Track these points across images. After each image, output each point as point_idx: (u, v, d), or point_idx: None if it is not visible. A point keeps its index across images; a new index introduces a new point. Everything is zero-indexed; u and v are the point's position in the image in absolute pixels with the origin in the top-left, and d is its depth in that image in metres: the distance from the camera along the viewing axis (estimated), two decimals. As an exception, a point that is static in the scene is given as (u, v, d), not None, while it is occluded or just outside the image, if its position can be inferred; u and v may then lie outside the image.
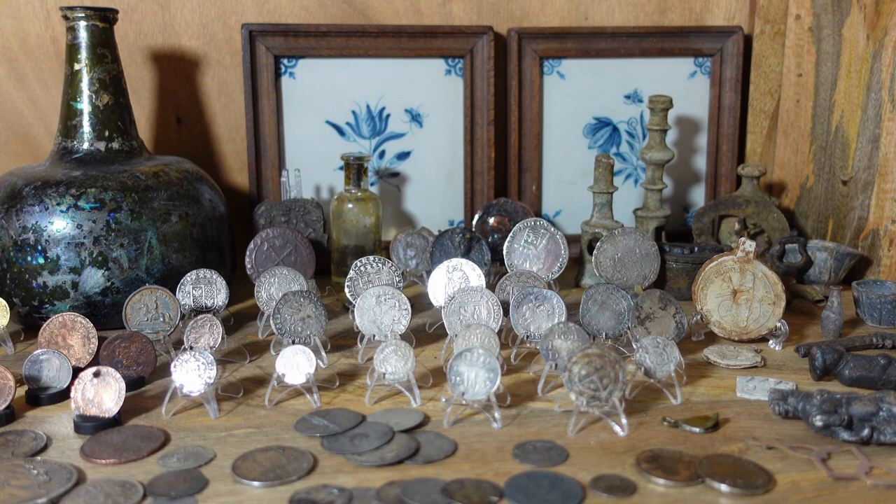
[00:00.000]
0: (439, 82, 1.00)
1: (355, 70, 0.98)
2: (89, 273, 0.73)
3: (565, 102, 1.03)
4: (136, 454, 0.51)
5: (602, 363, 0.54)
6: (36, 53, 0.95)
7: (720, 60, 1.03)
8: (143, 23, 0.96)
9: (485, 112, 1.00)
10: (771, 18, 1.03)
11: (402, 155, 1.02)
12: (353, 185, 0.88)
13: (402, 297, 0.68)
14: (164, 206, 0.77)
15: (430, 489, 0.46)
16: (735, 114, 1.04)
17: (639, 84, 1.04)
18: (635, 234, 0.83)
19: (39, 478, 0.48)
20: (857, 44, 0.91)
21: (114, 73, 0.80)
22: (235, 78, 0.99)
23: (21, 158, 0.97)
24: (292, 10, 0.98)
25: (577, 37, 1.00)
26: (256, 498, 0.46)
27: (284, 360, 0.59)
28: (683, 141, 1.06)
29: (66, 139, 0.79)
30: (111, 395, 0.55)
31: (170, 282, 0.76)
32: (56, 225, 0.72)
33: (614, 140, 1.05)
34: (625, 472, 0.49)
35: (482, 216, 0.97)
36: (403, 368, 0.59)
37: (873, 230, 0.89)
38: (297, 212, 0.92)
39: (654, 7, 1.04)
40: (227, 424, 0.56)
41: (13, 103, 0.96)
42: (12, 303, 0.74)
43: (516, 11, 1.02)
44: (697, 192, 1.08)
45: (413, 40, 0.98)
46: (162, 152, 0.99)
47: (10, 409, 0.57)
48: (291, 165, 0.98)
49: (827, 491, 0.47)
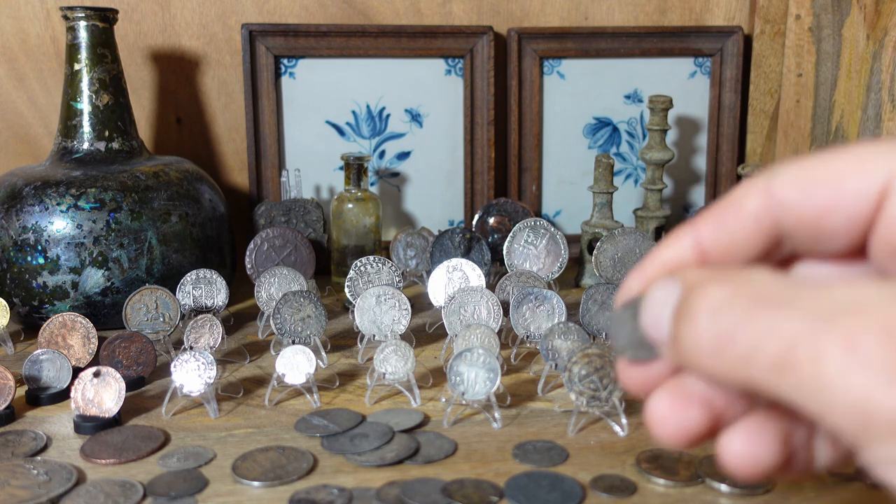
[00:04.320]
0: (439, 82, 1.00)
1: (355, 70, 0.98)
2: (89, 273, 0.73)
3: (565, 102, 1.03)
4: (136, 454, 0.51)
5: (602, 363, 0.54)
6: (36, 53, 0.95)
7: (720, 60, 1.03)
8: (143, 23, 0.96)
9: (485, 112, 1.00)
10: (771, 18, 1.03)
11: (402, 155, 1.02)
12: (353, 185, 0.88)
13: (402, 297, 0.68)
14: (164, 206, 0.77)
15: (430, 489, 0.46)
16: (735, 114, 1.04)
17: (639, 84, 1.04)
18: (635, 234, 0.83)
19: (39, 478, 0.48)
20: (857, 44, 0.91)
21: (114, 73, 0.80)
22: (235, 78, 0.99)
23: (21, 158, 0.97)
24: (292, 10, 0.99)
25: (577, 37, 1.00)
26: (256, 498, 0.46)
27: (284, 360, 0.59)
28: (683, 141, 1.06)
29: (66, 139, 0.79)
30: (111, 395, 0.55)
31: (170, 282, 0.76)
32: (56, 225, 0.72)
33: (614, 140, 1.05)
34: (625, 472, 0.49)
35: (482, 216, 0.97)
36: (403, 368, 0.59)
37: (873, 230, 0.89)
38: (297, 212, 0.92)
39: (654, 7, 1.04)
40: (227, 424, 0.56)
41: (13, 103, 0.96)
42: (12, 303, 0.74)
43: (516, 11, 1.02)
44: (697, 192, 1.08)
45: (413, 40, 0.98)
46: (162, 152, 0.99)
47: (10, 409, 0.57)
48: (291, 165, 0.98)
49: (828, 491, 0.47)
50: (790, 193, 0.24)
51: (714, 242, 0.25)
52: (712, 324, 0.21)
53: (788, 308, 0.20)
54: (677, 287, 0.23)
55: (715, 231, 0.25)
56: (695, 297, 0.22)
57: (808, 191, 0.24)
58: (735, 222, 0.25)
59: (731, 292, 0.21)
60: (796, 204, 0.24)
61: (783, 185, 0.24)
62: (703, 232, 0.25)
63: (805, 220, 0.24)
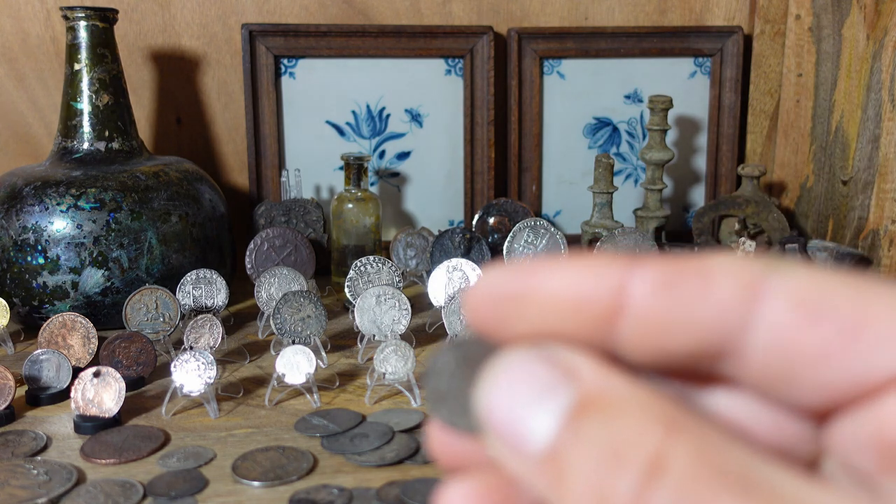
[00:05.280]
0: (439, 82, 1.00)
1: (355, 70, 0.98)
2: (89, 273, 0.73)
3: (565, 102, 1.03)
4: (136, 454, 0.51)
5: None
6: (36, 53, 0.95)
7: (720, 60, 1.03)
8: (143, 23, 0.96)
9: (485, 112, 1.00)
10: (771, 18, 1.03)
11: (402, 155, 1.02)
12: (353, 185, 0.88)
13: (402, 297, 0.68)
14: (164, 206, 0.77)
15: (431, 489, 0.46)
16: (735, 114, 1.04)
17: (639, 84, 1.04)
18: (635, 235, 0.83)
19: (39, 478, 0.48)
20: (857, 44, 0.91)
21: (114, 73, 0.80)
22: (235, 78, 0.99)
23: (21, 158, 0.97)
24: (292, 10, 0.98)
25: (577, 37, 1.00)
26: (256, 498, 0.46)
27: (284, 360, 0.59)
28: (683, 141, 1.06)
29: (66, 139, 0.79)
30: (111, 395, 0.55)
31: (170, 282, 0.76)
32: (56, 225, 0.72)
33: (614, 140, 1.05)
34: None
35: (482, 216, 0.97)
36: (403, 368, 0.59)
37: (873, 230, 0.89)
38: (297, 212, 0.92)
39: (654, 7, 1.04)
40: (227, 424, 0.56)
41: (13, 103, 0.96)
42: (12, 303, 0.74)
43: (516, 11, 1.02)
44: (697, 192, 1.08)
45: (413, 40, 0.98)
46: (162, 152, 0.99)
47: (10, 409, 0.57)
48: (291, 165, 0.98)
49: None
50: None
51: (654, 311, 0.16)
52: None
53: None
54: (569, 394, 0.15)
55: (667, 300, 0.16)
56: (627, 445, 0.14)
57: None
58: (699, 301, 0.16)
59: (697, 463, 0.14)
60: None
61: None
62: (644, 289, 0.16)
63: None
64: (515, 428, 0.16)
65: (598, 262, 0.16)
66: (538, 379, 0.16)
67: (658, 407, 0.15)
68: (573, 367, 0.16)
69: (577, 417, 0.15)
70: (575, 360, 0.16)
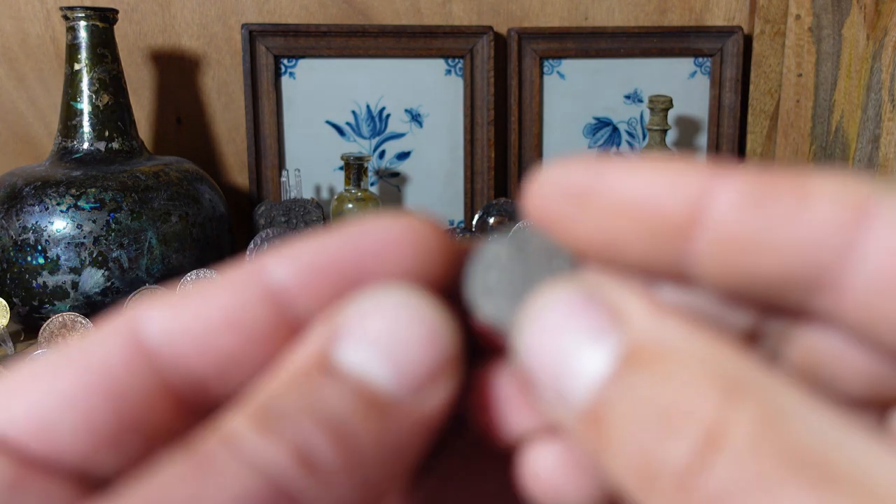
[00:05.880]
0: (439, 82, 1.00)
1: (355, 70, 0.98)
2: (89, 273, 0.73)
3: (565, 102, 1.03)
4: (136, 454, 0.51)
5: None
6: (36, 53, 0.95)
7: (720, 60, 1.03)
8: (143, 23, 0.96)
9: (485, 112, 1.00)
10: (771, 18, 1.03)
11: (402, 155, 1.02)
12: (353, 185, 0.88)
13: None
14: (164, 206, 0.77)
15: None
16: (735, 114, 1.04)
17: (639, 84, 1.04)
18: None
19: (39, 478, 0.48)
20: (857, 44, 0.91)
21: (114, 73, 0.80)
22: (235, 78, 0.99)
23: (21, 158, 0.97)
24: (292, 10, 0.98)
25: (577, 37, 1.00)
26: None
27: (284, 360, 0.58)
28: (683, 141, 1.06)
29: (66, 139, 0.79)
30: (111, 395, 0.55)
31: (170, 282, 0.76)
32: (56, 225, 0.72)
33: (614, 140, 1.05)
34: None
35: (482, 216, 0.97)
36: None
37: (873, 230, 0.89)
38: (297, 212, 0.92)
39: (654, 7, 1.04)
40: (227, 424, 0.56)
41: (13, 103, 0.96)
42: (12, 303, 0.74)
43: (516, 11, 1.02)
44: (697, 192, 1.08)
45: (413, 40, 0.98)
46: (162, 152, 0.99)
47: (10, 409, 0.57)
48: (291, 165, 0.98)
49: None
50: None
51: (738, 229, 0.14)
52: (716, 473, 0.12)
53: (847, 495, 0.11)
54: (616, 342, 0.14)
55: (755, 217, 0.14)
56: (680, 410, 0.12)
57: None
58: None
59: (762, 438, 0.12)
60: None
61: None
62: (729, 202, 0.14)
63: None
64: (558, 373, 0.14)
65: (679, 166, 0.14)
66: (582, 323, 0.14)
67: (720, 362, 0.13)
68: (622, 309, 0.14)
69: (625, 370, 0.13)
70: (624, 301, 0.14)
